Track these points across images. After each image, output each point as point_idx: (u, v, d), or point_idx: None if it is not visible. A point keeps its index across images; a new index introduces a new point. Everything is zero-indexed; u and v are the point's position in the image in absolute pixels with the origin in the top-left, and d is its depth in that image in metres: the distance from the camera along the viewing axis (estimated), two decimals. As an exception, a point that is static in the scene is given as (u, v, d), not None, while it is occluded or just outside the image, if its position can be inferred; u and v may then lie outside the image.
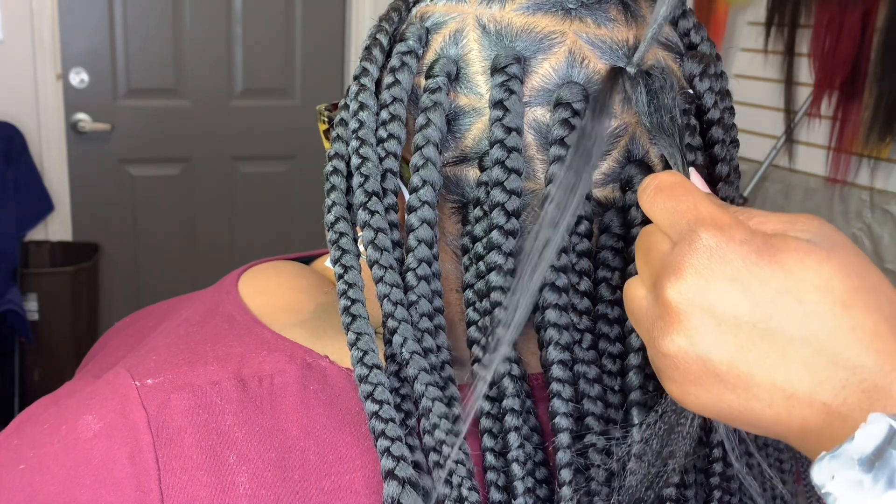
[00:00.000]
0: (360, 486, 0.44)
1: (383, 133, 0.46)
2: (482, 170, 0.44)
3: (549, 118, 0.43)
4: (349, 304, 0.45)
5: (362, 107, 0.46)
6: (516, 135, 0.42)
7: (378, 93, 0.47)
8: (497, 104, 0.42)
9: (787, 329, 0.33)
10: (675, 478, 0.43)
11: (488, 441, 0.43)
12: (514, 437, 0.43)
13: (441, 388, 0.43)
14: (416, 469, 0.42)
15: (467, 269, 0.45)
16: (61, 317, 2.33)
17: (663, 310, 0.35)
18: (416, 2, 0.49)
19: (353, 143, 0.46)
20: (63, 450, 0.43)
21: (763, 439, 0.50)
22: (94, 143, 2.48)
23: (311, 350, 0.48)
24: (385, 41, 0.48)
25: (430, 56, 0.46)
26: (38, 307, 2.30)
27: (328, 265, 0.47)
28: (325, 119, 0.54)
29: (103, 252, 2.56)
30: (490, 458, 0.43)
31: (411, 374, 0.43)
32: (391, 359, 0.44)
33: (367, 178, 0.45)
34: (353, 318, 0.44)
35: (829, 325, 0.33)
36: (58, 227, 2.46)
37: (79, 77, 2.41)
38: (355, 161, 0.45)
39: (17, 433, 0.46)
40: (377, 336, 0.46)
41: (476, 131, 0.44)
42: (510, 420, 0.43)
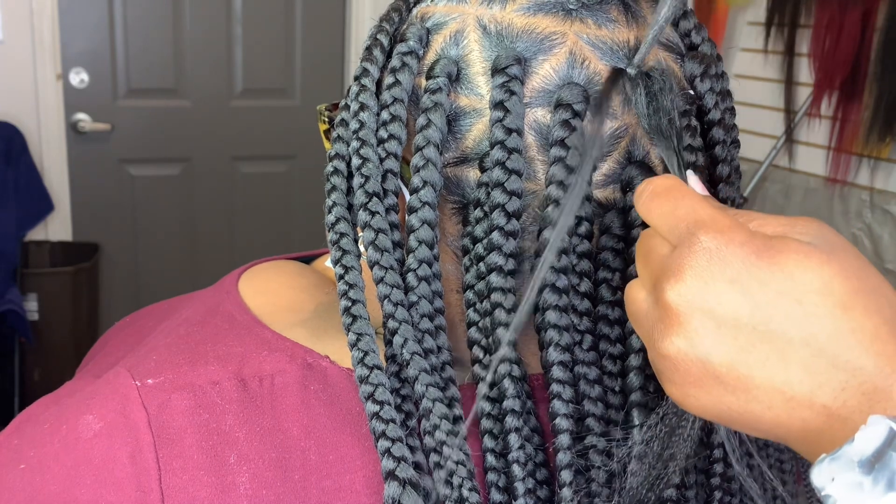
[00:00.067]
0: (360, 486, 0.44)
1: (384, 134, 0.45)
2: (483, 171, 0.44)
3: (549, 119, 0.43)
4: (350, 304, 0.45)
5: (363, 107, 0.46)
6: (517, 136, 0.42)
7: (379, 93, 0.47)
8: (497, 105, 0.42)
9: (787, 331, 0.33)
10: (676, 479, 0.43)
11: (489, 442, 0.43)
12: (514, 439, 0.43)
13: (441, 389, 0.43)
14: (416, 470, 0.42)
15: (468, 269, 0.45)
16: (61, 317, 2.33)
17: (663, 312, 0.35)
18: (416, 2, 0.49)
19: (354, 144, 0.46)
20: (63, 449, 0.43)
21: (763, 440, 0.50)
22: (94, 143, 2.48)
23: (311, 350, 0.48)
24: (386, 41, 0.48)
25: (431, 56, 0.46)
26: (38, 307, 2.30)
27: (329, 265, 0.47)
28: (326, 119, 0.54)
29: (103, 252, 2.55)
30: (491, 459, 0.43)
31: (412, 374, 0.43)
32: (392, 359, 0.44)
33: (367, 178, 0.45)
34: (354, 318, 0.44)
35: (829, 328, 0.33)
36: (58, 227, 2.46)
37: (79, 77, 2.41)
38: (356, 162, 0.45)
39: (17, 433, 0.46)
40: (378, 337, 0.46)
41: (477, 132, 0.44)
42: (511, 421, 0.43)
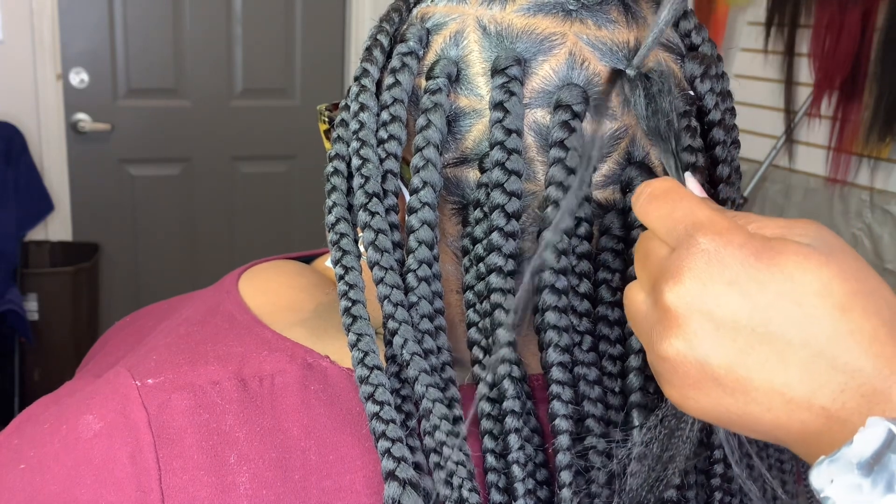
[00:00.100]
0: (360, 486, 0.44)
1: (384, 134, 0.45)
2: (482, 171, 0.44)
3: (549, 120, 0.43)
4: (350, 305, 0.45)
5: (363, 108, 0.46)
6: (516, 136, 0.42)
7: (379, 94, 0.47)
8: (497, 106, 0.42)
9: (786, 333, 0.33)
10: (676, 480, 0.43)
11: (489, 443, 0.43)
12: (514, 439, 0.43)
13: (441, 390, 0.43)
14: (416, 470, 0.42)
15: (468, 270, 0.45)
16: (61, 317, 2.33)
17: (662, 314, 0.35)
18: (416, 2, 0.49)
19: (354, 145, 0.46)
20: (63, 449, 0.43)
21: (763, 441, 0.50)
22: (94, 143, 2.48)
23: (311, 350, 0.48)
24: (386, 42, 0.48)
25: (431, 57, 0.46)
26: (38, 307, 2.30)
27: (329, 265, 0.47)
28: (326, 119, 0.54)
29: (103, 252, 2.55)
30: (491, 459, 0.43)
31: (412, 375, 0.43)
32: (392, 360, 0.44)
33: (367, 179, 0.45)
34: (354, 319, 0.44)
35: (827, 329, 0.33)
36: (58, 227, 2.46)
37: (79, 77, 2.41)
38: (356, 162, 0.45)
39: (17, 433, 0.46)
40: (378, 337, 0.46)
41: (476, 133, 0.44)
42: (510, 422, 0.43)
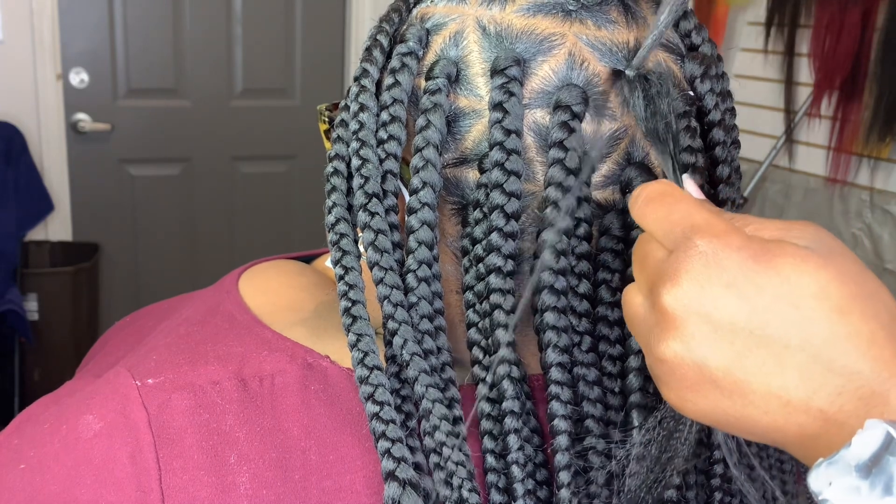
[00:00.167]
0: (360, 486, 0.44)
1: (383, 134, 0.45)
2: (482, 172, 0.44)
3: (548, 121, 0.43)
4: (350, 305, 0.45)
5: (362, 108, 0.46)
6: (516, 137, 0.42)
7: (378, 94, 0.47)
8: (497, 106, 0.42)
9: (784, 335, 0.33)
10: (676, 480, 0.43)
11: (488, 443, 0.43)
12: (513, 440, 0.43)
13: (441, 390, 0.43)
14: (416, 470, 0.42)
15: (467, 270, 0.45)
16: (61, 317, 2.33)
17: (660, 316, 0.35)
18: (416, 3, 0.49)
19: (354, 145, 0.46)
20: (63, 449, 0.43)
21: None
22: (94, 143, 2.48)
23: (311, 350, 0.48)
24: (385, 42, 0.48)
25: (431, 57, 0.46)
26: (38, 307, 2.30)
27: (329, 265, 0.47)
28: (326, 119, 0.54)
29: (103, 252, 2.55)
30: (490, 459, 0.43)
31: (412, 375, 0.43)
32: (392, 360, 0.44)
33: (367, 179, 0.45)
34: (354, 319, 0.44)
35: (825, 332, 0.32)
36: (58, 227, 2.46)
37: (79, 77, 2.41)
38: (355, 162, 0.45)
39: (17, 433, 0.46)
40: (378, 337, 0.46)
41: (476, 133, 0.44)
42: (510, 422, 0.43)
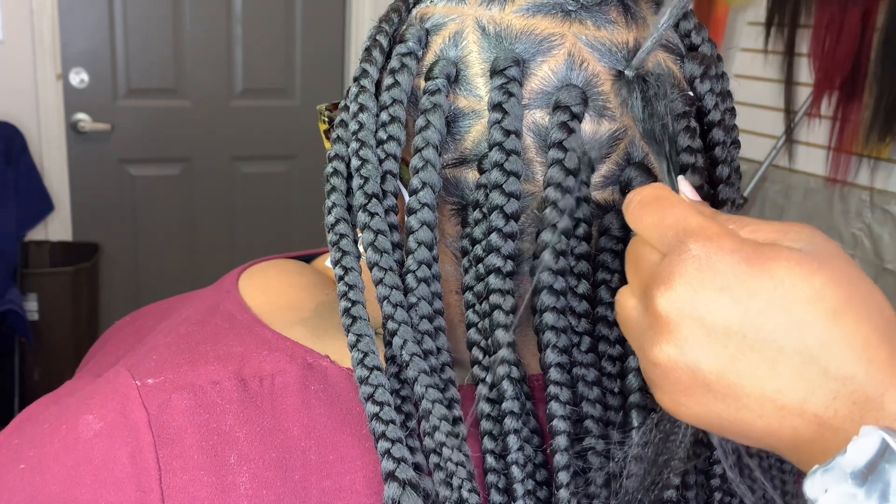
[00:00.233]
0: (360, 486, 0.44)
1: (383, 135, 0.45)
2: (481, 172, 0.44)
3: (547, 121, 0.43)
4: (349, 305, 0.45)
5: (362, 108, 0.46)
6: (515, 137, 0.42)
7: (378, 94, 0.47)
8: (496, 107, 0.42)
9: (778, 339, 0.33)
10: (676, 480, 0.43)
11: (488, 443, 0.43)
12: (513, 440, 0.43)
13: (441, 391, 0.43)
14: (416, 471, 0.42)
15: (467, 271, 0.45)
16: (61, 317, 2.33)
17: (653, 320, 0.35)
18: (416, 3, 0.49)
19: (353, 145, 0.46)
20: (63, 449, 0.43)
21: None
22: (94, 143, 2.48)
23: (311, 350, 0.48)
24: (385, 42, 0.48)
25: (430, 58, 0.46)
26: (38, 307, 2.30)
27: (329, 265, 0.47)
28: (326, 119, 0.54)
29: (103, 252, 2.56)
30: (490, 460, 0.43)
31: (411, 376, 0.43)
32: (391, 360, 0.44)
33: (366, 180, 0.45)
34: (354, 319, 0.44)
35: (819, 336, 0.32)
36: (58, 227, 2.46)
37: (79, 77, 2.41)
38: (355, 163, 0.45)
39: (17, 432, 0.46)
40: (378, 337, 0.46)
41: (475, 133, 0.44)
42: (510, 423, 0.43)
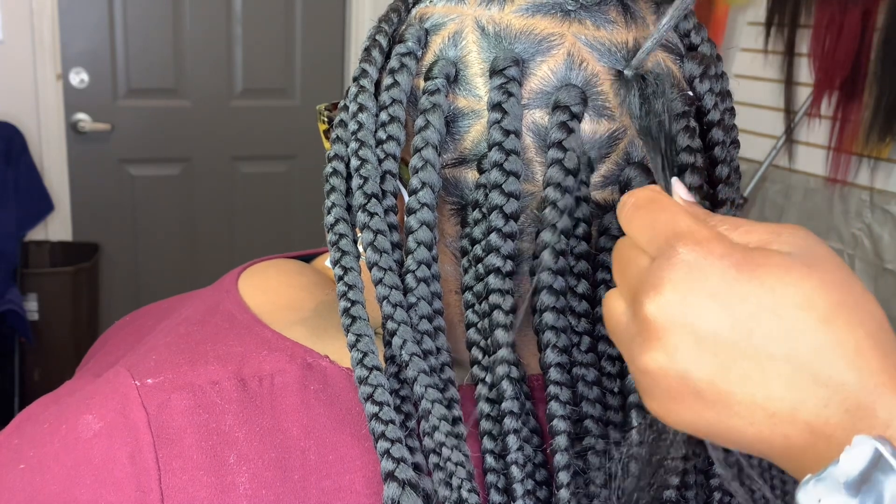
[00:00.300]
0: (360, 486, 0.44)
1: (382, 135, 0.45)
2: (481, 172, 0.44)
3: (547, 121, 0.43)
4: (349, 305, 0.45)
5: (361, 108, 0.46)
6: (515, 137, 0.42)
7: (377, 94, 0.47)
8: (495, 107, 0.42)
9: (768, 346, 0.32)
10: (675, 480, 0.43)
11: (488, 443, 0.43)
12: (513, 440, 0.43)
13: (441, 391, 0.43)
14: (416, 471, 0.42)
15: (466, 271, 0.45)
16: (61, 317, 2.33)
17: (642, 326, 0.35)
18: (415, 3, 0.49)
19: (353, 145, 0.46)
20: (63, 449, 0.43)
21: None
22: (94, 143, 2.48)
23: (311, 350, 0.48)
24: (384, 42, 0.48)
25: (429, 58, 0.46)
26: (38, 307, 2.30)
27: (328, 265, 0.47)
28: (325, 119, 0.54)
29: (103, 252, 2.56)
30: (490, 460, 0.43)
31: (411, 376, 0.43)
32: (391, 360, 0.44)
33: (366, 179, 0.45)
34: (353, 319, 0.44)
35: (810, 342, 0.32)
36: (58, 227, 2.46)
37: (79, 77, 2.41)
38: (354, 163, 0.45)
39: (17, 432, 0.46)
40: (377, 337, 0.46)
41: (475, 133, 0.44)
42: (509, 422, 0.43)
